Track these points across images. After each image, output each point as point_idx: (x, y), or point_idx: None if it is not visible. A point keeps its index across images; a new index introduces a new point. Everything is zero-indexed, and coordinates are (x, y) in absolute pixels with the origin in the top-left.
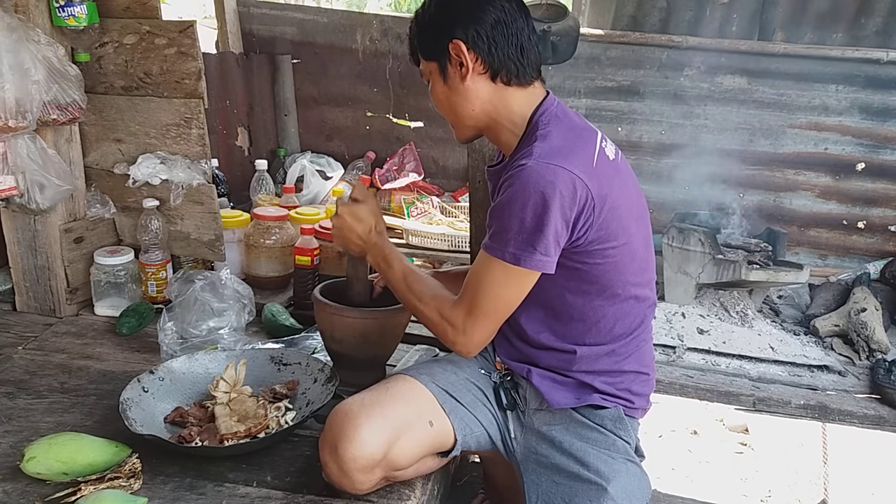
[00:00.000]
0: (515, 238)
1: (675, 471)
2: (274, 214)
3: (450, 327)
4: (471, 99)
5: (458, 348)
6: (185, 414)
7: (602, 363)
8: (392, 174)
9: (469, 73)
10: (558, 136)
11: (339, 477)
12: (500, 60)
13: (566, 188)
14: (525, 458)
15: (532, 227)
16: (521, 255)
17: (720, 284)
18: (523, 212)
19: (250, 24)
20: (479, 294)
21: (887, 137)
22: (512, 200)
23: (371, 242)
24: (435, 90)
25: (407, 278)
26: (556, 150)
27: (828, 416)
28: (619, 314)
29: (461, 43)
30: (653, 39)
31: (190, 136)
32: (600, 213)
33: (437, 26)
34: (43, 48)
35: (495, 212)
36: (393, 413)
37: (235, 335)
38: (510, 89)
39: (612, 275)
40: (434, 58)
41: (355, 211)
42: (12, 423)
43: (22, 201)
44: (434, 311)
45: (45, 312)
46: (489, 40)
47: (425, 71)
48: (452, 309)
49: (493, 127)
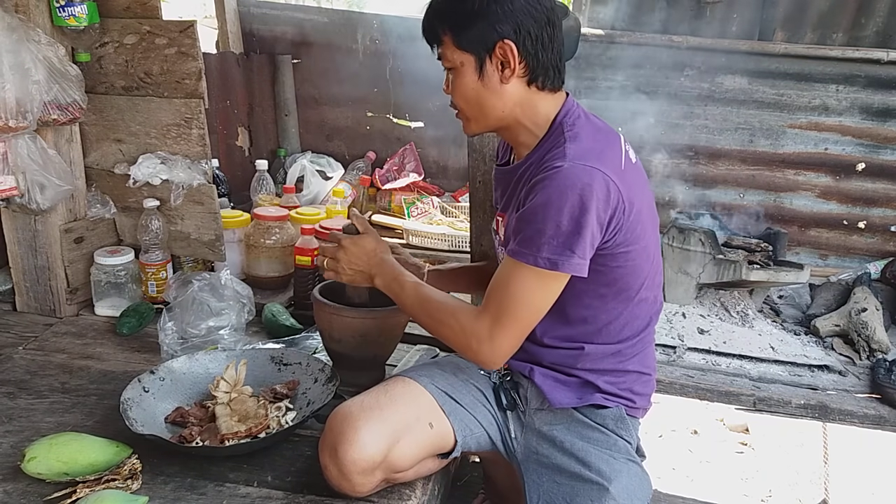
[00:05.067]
0: (550, 242)
1: (675, 471)
2: (274, 214)
3: (474, 339)
4: (504, 99)
5: (483, 358)
6: (185, 414)
7: (607, 362)
8: (392, 174)
9: (513, 76)
10: (588, 137)
11: (339, 480)
12: (543, 66)
13: (601, 190)
14: (526, 458)
15: (569, 230)
16: (558, 260)
17: (720, 284)
18: (559, 215)
19: (250, 24)
20: (507, 301)
21: (887, 137)
22: (548, 203)
23: (379, 267)
24: (463, 83)
25: (420, 295)
26: (588, 152)
27: (828, 415)
28: (629, 317)
29: (512, 45)
30: (653, 39)
31: (190, 136)
32: (629, 216)
33: (488, 19)
34: (43, 48)
35: (527, 216)
36: (392, 415)
37: (236, 335)
38: (541, 93)
39: (630, 278)
40: (473, 51)
41: (358, 241)
42: (13, 423)
43: (22, 201)
44: (455, 323)
45: (46, 312)
46: (538, 43)
47: (453, 59)
48: (476, 320)
49: (514, 127)
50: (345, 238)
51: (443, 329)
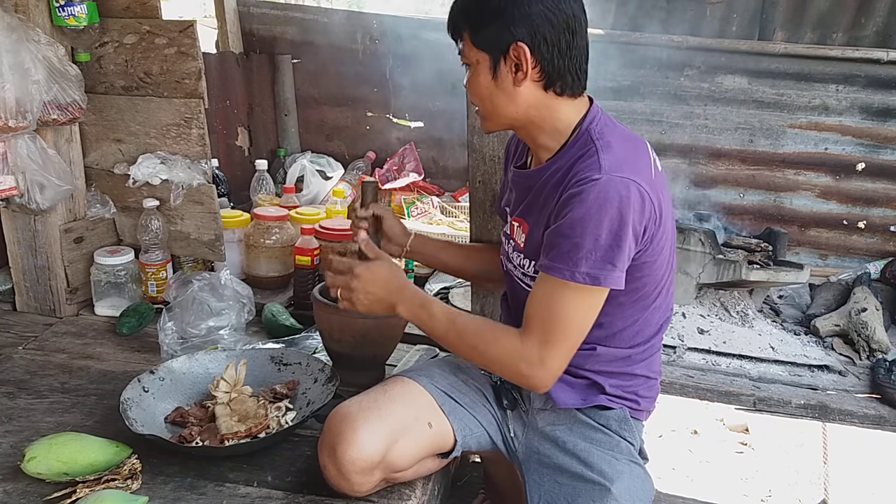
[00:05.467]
0: (588, 257)
1: (675, 471)
2: (274, 214)
3: (524, 363)
4: (517, 102)
5: (536, 382)
6: (185, 414)
7: (616, 365)
8: (392, 174)
9: (525, 79)
10: (619, 146)
11: (339, 479)
12: (560, 72)
13: (637, 202)
14: (527, 458)
15: (608, 244)
16: (598, 274)
17: (720, 284)
18: (598, 228)
19: (250, 24)
20: (553, 321)
21: (887, 137)
22: (586, 217)
23: (400, 294)
24: (478, 81)
25: (455, 323)
26: (622, 162)
27: (828, 415)
28: (644, 323)
29: (526, 48)
30: (653, 39)
31: (190, 136)
32: (659, 227)
33: (504, 20)
34: (43, 48)
35: (564, 230)
36: (391, 415)
37: (235, 335)
38: (559, 99)
39: (650, 287)
40: (488, 50)
41: (372, 267)
42: (13, 423)
43: (22, 201)
44: (500, 349)
45: (46, 312)
46: (554, 49)
47: (470, 56)
48: (523, 343)
49: (531, 129)
50: (358, 265)
51: (486, 357)
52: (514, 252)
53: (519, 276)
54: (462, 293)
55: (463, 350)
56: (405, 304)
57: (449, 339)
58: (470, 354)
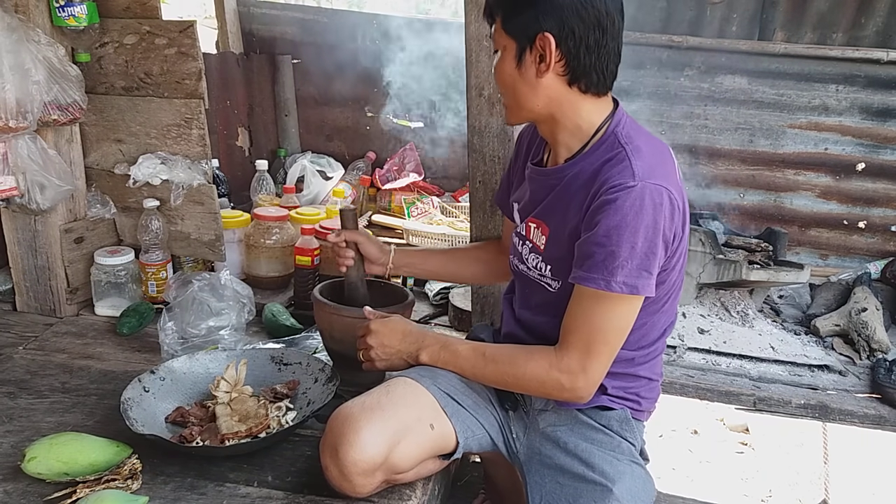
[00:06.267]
0: (624, 265)
1: (675, 471)
2: (274, 215)
3: (564, 375)
4: (539, 94)
5: (580, 393)
6: (185, 414)
7: (619, 366)
8: (392, 174)
9: (548, 71)
10: (648, 152)
11: (340, 480)
12: (585, 69)
13: (668, 209)
14: (528, 459)
15: (644, 252)
16: (635, 283)
17: (721, 284)
18: (635, 237)
19: (250, 24)
20: (592, 332)
21: (887, 137)
22: (622, 224)
23: (421, 341)
24: (503, 68)
25: (483, 354)
26: (654, 169)
27: (828, 415)
28: (650, 326)
29: (552, 38)
30: (653, 39)
31: (190, 136)
32: (683, 233)
33: (535, 9)
34: (43, 48)
35: (598, 239)
36: (394, 416)
37: (236, 335)
38: (583, 96)
39: (662, 292)
40: (515, 37)
41: (387, 322)
42: (13, 423)
43: (22, 201)
44: (536, 367)
45: (46, 312)
46: (581, 45)
47: (499, 41)
48: (561, 357)
49: (552, 124)
50: (373, 321)
51: (524, 377)
52: (532, 254)
53: (535, 276)
54: (462, 293)
55: (498, 377)
56: (426, 350)
57: (479, 371)
58: (505, 380)
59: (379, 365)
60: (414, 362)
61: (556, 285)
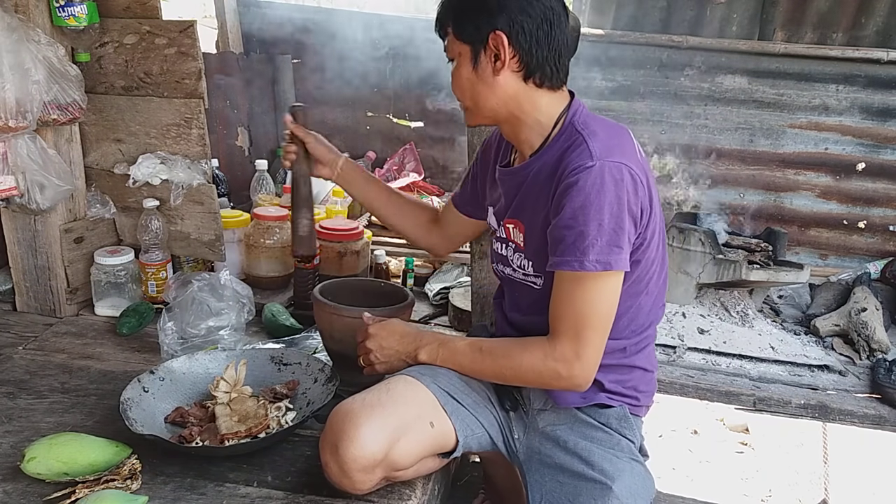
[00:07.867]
0: (594, 244)
1: (675, 470)
2: (274, 214)
3: (560, 364)
4: (497, 93)
5: (578, 381)
6: (185, 414)
7: (613, 357)
8: (392, 174)
9: (503, 69)
10: (605, 134)
11: (340, 477)
12: (538, 62)
13: (631, 184)
14: (528, 458)
15: (612, 228)
16: (609, 259)
17: (720, 284)
18: (600, 214)
19: (250, 24)
20: (578, 316)
21: (887, 137)
22: (586, 204)
23: (419, 340)
24: (460, 73)
25: (482, 346)
26: (612, 148)
27: (828, 415)
28: (637, 311)
29: (503, 36)
30: (653, 39)
31: (190, 136)
32: (651, 208)
33: (482, 10)
34: (43, 48)
35: (566, 222)
36: (394, 413)
37: (235, 335)
38: (539, 90)
39: (642, 272)
40: (468, 41)
41: (384, 324)
42: (13, 423)
43: (22, 201)
44: (532, 358)
45: (46, 312)
46: (532, 39)
47: (452, 50)
48: (555, 346)
49: (513, 122)
50: (372, 325)
51: (521, 369)
52: (516, 254)
53: (520, 277)
54: (462, 293)
55: (495, 371)
56: (425, 349)
57: (477, 366)
58: (503, 373)
59: (379, 368)
60: (413, 362)
61: (540, 282)
